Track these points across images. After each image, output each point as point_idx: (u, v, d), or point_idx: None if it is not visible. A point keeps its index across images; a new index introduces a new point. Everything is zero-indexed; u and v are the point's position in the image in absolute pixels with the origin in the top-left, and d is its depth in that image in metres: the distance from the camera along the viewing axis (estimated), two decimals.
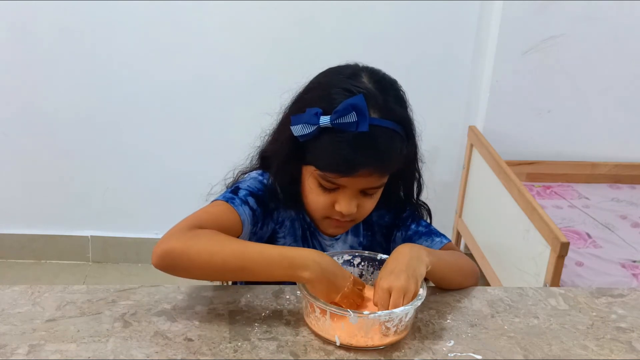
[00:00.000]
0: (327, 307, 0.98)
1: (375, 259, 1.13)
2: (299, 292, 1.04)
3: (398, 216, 1.27)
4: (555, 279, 1.75)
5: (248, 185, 1.17)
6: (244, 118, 2.03)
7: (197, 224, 1.06)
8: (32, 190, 2.59)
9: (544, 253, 1.79)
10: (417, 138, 1.16)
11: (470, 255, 2.41)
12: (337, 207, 1.12)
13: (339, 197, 1.12)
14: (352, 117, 1.04)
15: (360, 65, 1.15)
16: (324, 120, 1.05)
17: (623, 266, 1.94)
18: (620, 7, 2.32)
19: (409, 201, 1.26)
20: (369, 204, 1.16)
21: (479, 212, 2.38)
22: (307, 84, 1.17)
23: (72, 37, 2.38)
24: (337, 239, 1.26)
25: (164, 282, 1.15)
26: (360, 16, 2.33)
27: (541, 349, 1.03)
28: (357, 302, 1.04)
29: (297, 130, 1.08)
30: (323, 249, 1.24)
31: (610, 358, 1.02)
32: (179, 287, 1.13)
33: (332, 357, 0.98)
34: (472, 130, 2.40)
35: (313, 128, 1.06)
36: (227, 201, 1.12)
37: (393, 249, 1.25)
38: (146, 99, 2.47)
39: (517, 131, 2.46)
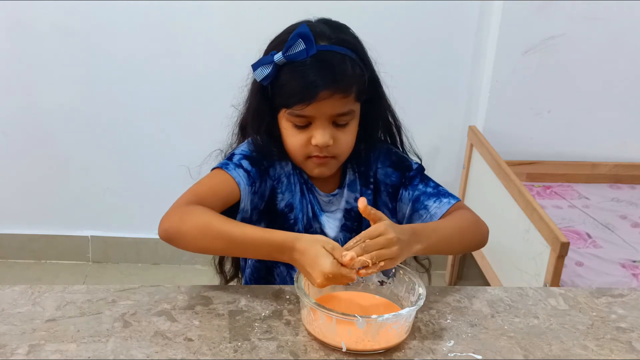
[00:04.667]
0: (333, 314, 0.97)
1: None
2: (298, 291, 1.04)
3: (404, 175, 1.29)
4: (555, 279, 1.75)
5: (242, 150, 1.24)
6: None
7: (194, 199, 1.13)
8: (32, 190, 2.59)
9: (544, 253, 1.79)
10: (373, 64, 1.23)
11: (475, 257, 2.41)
12: (313, 141, 1.18)
13: (313, 132, 1.18)
14: (300, 45, 1.13)
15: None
16: (278, 56, 1.14)
17: (623, 266, 1.94)
18: (620, 7, 2.32)
19: (395, 145, 1.31)
20: (345, 137, 1.20)
21: (479, 212, 2.37)
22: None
23: (71, 36, 2.38)
24: (334, 195, 1.28)
25: (164, 282, 1.15)
26: (360, 16, 2.33)
27: (541, 349, 1.03)
28: (345, 280, 1.01)
29: (258, 74, 1.17)
30: (321, 205, 1.27)
31: (610, 358, 1.02)
32: (179, 287, 1.13)
33: (332, 357, 0.98)
34: (472, 130, 2.40)
35: (270, 67, 1.15)
36: (221, 167, 1.19)
37: (399, 209, 1.28)
38: (146, 98, 2.47)
39: (517, 131, 2.46)
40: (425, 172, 1.31)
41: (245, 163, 1.20)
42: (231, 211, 1.18)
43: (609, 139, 2.50)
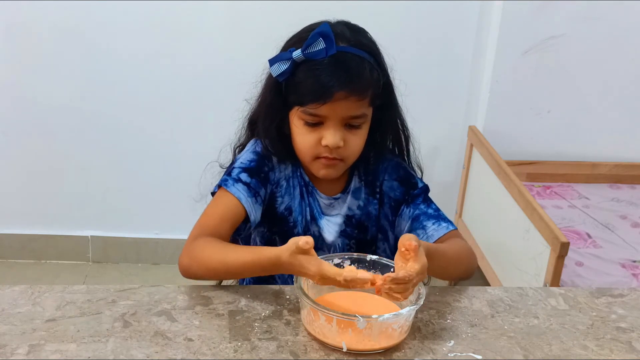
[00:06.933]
0: (334, 314, 0.97)
1: (365, 260, 1.12)
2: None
3: (409, 192, 1.29)
4: (555, 279, 1.75)
5: (241, 162, 1.24)
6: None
7: (202, 232, 1.15)
8: (32, 190, 2.59)
9: (544, 253, 1.79)
10: (388, 69, 1.24)
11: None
12: (324, 141, 1.18)
13: (324, 132, 1.18)
14: (320, 44, 1.12)
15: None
16: (297, 53, 1.14)
17: (623, 266, 1.94)
18: (620, 7, 2.32)
19: (401, 154, 1.31)
20: (355, 140, 1.20)
21: (479, 212, 2.38)
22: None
23: (72, 36, 2.38)
24: (336, 198, 1.28)
25: (164, 282, 1.15)
26: (360, 16, 2.32)
27: (541, 349, 1.03)
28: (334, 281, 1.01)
29: (275, 69, 1.17)
30: (321, 208, 1.27)
31: (610, 358, 1.02)
32: (179, 287, 1.13)
33: (332, 357, 0.98)
34: (472, 130, 2.40)
35: (288, 63, 1.15)
36: (221, 185, 1.20)
37: (398, 223, 1.29)
38: (146, 98, 2.47)
39: (517, 131, 2.46)
40: (429, 195, 1.31)
41: (243, 176, 1.21)
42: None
43: (609, 139, 2.50)
